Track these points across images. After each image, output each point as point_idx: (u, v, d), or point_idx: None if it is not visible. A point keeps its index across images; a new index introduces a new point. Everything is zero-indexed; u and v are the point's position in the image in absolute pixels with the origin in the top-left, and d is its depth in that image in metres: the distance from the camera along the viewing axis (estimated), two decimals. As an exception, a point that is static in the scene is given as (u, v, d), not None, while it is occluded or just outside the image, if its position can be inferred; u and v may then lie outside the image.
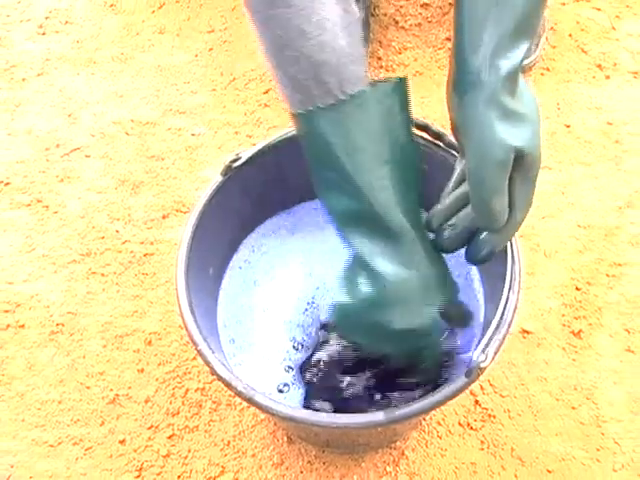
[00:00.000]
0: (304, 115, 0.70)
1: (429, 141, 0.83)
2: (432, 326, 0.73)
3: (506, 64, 0.66)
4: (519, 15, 0.66)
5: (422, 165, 0.73)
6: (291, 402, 0.79)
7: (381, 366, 0.79)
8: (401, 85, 0.72)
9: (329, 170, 0.72)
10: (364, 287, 0.73)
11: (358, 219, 0.73)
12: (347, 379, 0.79)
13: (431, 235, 0.76)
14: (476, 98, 0.67)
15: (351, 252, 0.73)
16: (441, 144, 0.83)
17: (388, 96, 0.71)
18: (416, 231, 0.72)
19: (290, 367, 0.82)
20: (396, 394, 0.79)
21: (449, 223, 0.77)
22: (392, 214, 0.71)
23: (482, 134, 0.67)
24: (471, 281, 0.86)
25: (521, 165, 0.68)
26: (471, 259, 0.76)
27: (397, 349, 0.76)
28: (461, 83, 0.68)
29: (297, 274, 0.87)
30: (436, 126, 0.81)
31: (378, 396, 0.79)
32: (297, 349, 0.83)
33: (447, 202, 0.78)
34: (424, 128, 0.82)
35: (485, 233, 0.73)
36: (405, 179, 0.72)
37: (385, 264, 0.72)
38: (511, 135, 0.66)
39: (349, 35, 0.69)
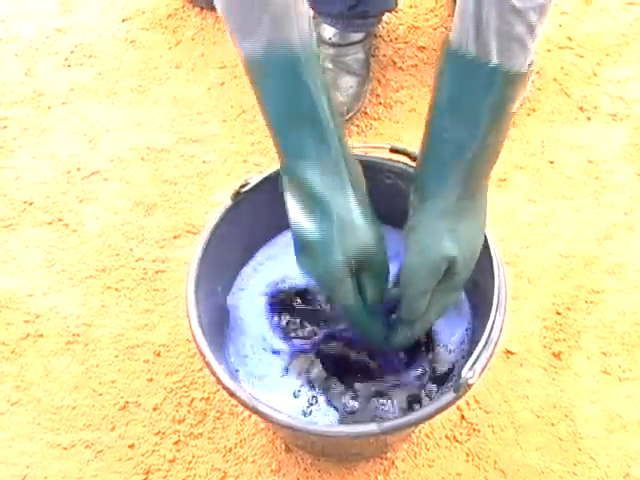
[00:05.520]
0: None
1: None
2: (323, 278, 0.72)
3: (464, 187, 0.69)
4: (481, 149, 0.68)
5: None
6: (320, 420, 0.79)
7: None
8: None
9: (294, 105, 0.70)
10: (321, 223, 0.71)
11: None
12: None
13: None
14: (436, 208, 0.69)
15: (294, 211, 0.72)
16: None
17: None
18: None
19: (311, 384, 0.81)
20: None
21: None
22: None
23: (430, 241, 0.69)
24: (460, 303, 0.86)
25: (447, 276, 0.71)
26: (391, 346, 0.77)
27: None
28: (427, 189, 0.70)
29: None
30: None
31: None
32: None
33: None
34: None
35: (400, 327, 0.75)
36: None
37: (332, 195, 0.71)
38: (450, 249, 0.69)
39: None
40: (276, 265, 0.89)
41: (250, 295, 0.87)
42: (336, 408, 0.79)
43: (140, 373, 1.02)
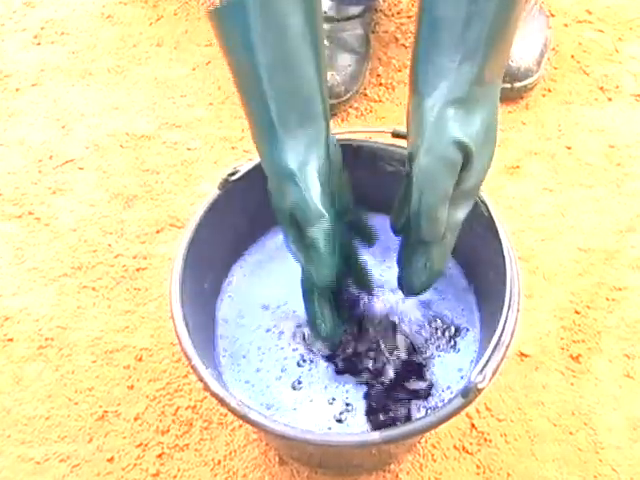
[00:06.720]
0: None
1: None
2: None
3: (474, 69, 0.67)
4: (491, 20, 0.66)
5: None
6: (353, 429, 0.79)
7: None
8: None
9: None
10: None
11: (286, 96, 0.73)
12: None
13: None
14: (440, 100, 0.68)
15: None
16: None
17: None
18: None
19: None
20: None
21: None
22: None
23: (437, 133, 0.67)
24: (467, 302, 0.87)
25: (461, 174, 0.68)
26: (410, 288, 0.76)
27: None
28: (425, 85, 0.69)
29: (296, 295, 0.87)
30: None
31: None
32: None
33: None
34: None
35: (419, 262, 0.74)
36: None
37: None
38: (462, 133, 0.67)
39: None
40: (268, 274, 0.89)
41: (243, 307, 0.87)
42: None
43: (120, 380, 1.03)
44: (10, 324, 1.07)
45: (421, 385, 0.81)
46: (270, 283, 0.88)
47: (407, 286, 0.76)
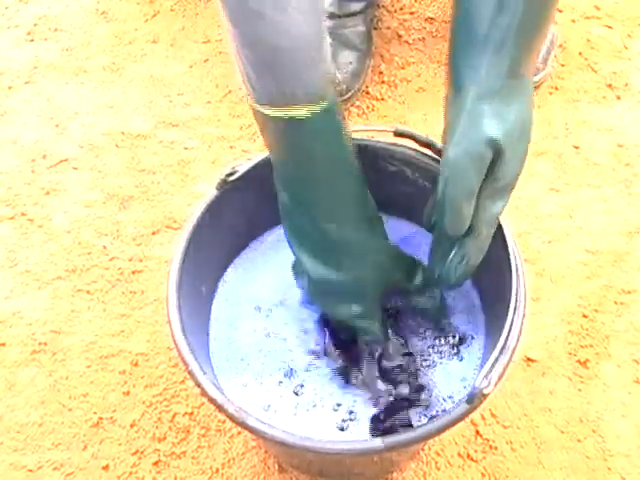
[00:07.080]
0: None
1: (433, 159, 0.83)
2: (354, 320, 0.79)
3: (506, 61, 0.67)
4: (521, 11, 0.66)
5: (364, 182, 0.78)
6: (357, 437, 0.79)
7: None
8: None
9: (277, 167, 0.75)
10: (301, 277, 0.81)
11: (291, 215, 0.77)
12: None
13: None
14: (475, 93, 0.68)
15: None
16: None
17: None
18: (357, 240, 0.76)
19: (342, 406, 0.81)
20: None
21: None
22: (325, 224, 0.75)
23: (469, 126, 0.68)
24: (473, 307, 0.86)
25: (494, 169, 0.69)
26: (446, 281, 0.78)
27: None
28: (459, 77, 0.69)
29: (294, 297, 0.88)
30: (440, 144, 0.82)
31: None
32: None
33: None
34: (427, 145, 0.83)
35: (455, 256, 0.75)
36: (344, 194, 0.75)
37: (309, 262, 0.77)
38: (494, 129, 0.67)
39: (313, 22, 0.66)
40: (264, 275, 0.89)
41: (237, 309, 0.87)
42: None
43: (115, 385, 1.03)
44: (2, 328, 1.07)
45: (426, 395, 0.81)
46: (265, 284, 0.88)
47: (443, 279, 0.77)
